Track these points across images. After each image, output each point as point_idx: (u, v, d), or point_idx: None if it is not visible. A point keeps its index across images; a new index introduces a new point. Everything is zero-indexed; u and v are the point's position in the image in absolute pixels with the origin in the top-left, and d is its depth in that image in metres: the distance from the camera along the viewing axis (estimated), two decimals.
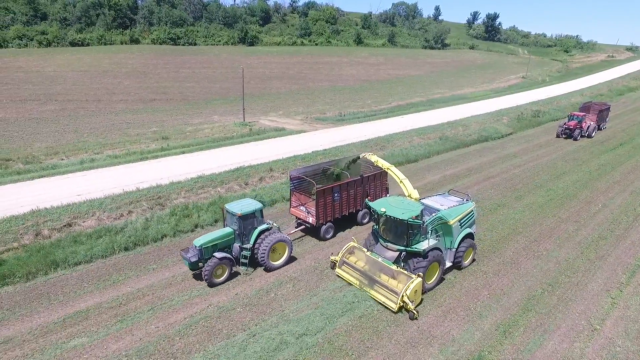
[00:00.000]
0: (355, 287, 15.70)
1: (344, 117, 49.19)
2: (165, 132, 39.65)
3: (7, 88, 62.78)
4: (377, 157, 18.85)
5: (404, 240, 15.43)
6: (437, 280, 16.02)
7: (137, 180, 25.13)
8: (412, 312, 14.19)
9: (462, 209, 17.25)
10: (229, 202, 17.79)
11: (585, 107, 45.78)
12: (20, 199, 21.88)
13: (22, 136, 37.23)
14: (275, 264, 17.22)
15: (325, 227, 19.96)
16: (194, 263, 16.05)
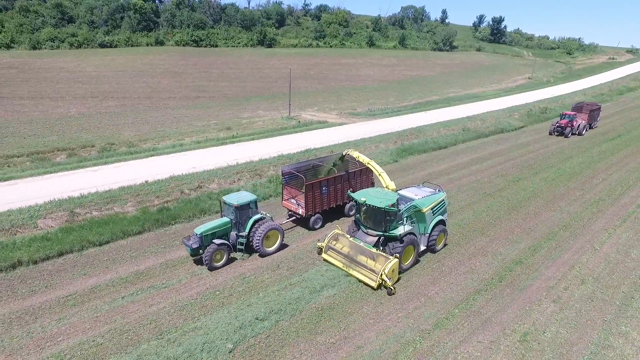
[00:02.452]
0: (340, 269, 17.47)
1: (374, 112, 55.45)
2: (225, 124, 45.90)
3: (62, 87, 69.14)
4: (358, 153, 20.57)
5: (382, 226, 17.22)
6: (412, 261, 17.92)
7: (229, 158, 31.42)
8: (390, 288, 15.94)
9: (434, 199, 19.21)
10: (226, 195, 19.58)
11: (577, 107, 49.17)
12: (150, 170, 28.20)
13: (104, 127, 43.41)
14: (268, 250, 18.87)
15: (314, 218, 21.62)
16: (195, 249, 17.68)
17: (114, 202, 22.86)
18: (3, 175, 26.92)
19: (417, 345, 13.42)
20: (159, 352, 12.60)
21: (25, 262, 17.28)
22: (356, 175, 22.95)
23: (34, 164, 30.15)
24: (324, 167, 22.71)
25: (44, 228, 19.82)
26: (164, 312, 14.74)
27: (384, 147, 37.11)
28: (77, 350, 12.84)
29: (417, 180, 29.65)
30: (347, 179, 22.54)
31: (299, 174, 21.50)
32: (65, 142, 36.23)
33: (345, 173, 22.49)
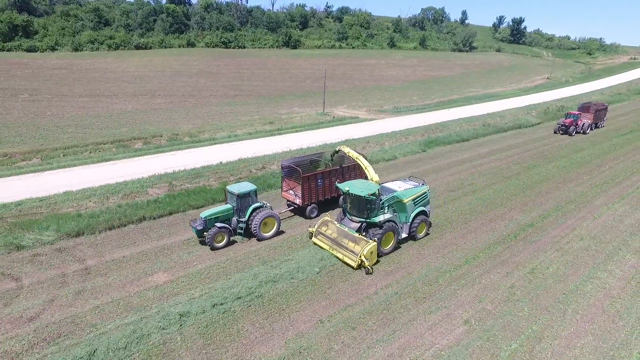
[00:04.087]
0: (327, 251, 19.32)
1: (400, 109, 60.15)
2: (267, 119, 51.32)
3: (110, 86, 75.77)
4: (349, 149, 21.86)
5: (364, 214, 18.99)
6: (392, 247, 19.58)
7: (281, 146, 36.71)
8: (368, 267, 17.65)
9: (416, 191, 20.70)
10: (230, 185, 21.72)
11: (584, 107, 51.16)
12: (217, 155, 33.71)
13: (162, 121, 49.24)
14: (265, 234, 20.75)
15: (310, 208, 23.46)
16: (199, 231, 19.76)
17: (200, 178, 28.37)
18: (103, 157, 32.90)
19: (452, 273, 18.30)
20: (267, 272, 17.77)
21: (148, 218, 22.80)
22: (350, 170, 24.67)
23: (119, 150, 36.04)
24: (321, 162, 24.68)
25: (153, 195, 25.38)
26: (262, 250, 19.98)
27: (412, 139, 41.88)
28: (210, 269, 18.16)
29: (443, 166, 34.46)
30: (342, 173, 24.38)
31: (296, 167, 23.31)
32: (136, 133, 42.11)
33: (339, 167, 24.34)
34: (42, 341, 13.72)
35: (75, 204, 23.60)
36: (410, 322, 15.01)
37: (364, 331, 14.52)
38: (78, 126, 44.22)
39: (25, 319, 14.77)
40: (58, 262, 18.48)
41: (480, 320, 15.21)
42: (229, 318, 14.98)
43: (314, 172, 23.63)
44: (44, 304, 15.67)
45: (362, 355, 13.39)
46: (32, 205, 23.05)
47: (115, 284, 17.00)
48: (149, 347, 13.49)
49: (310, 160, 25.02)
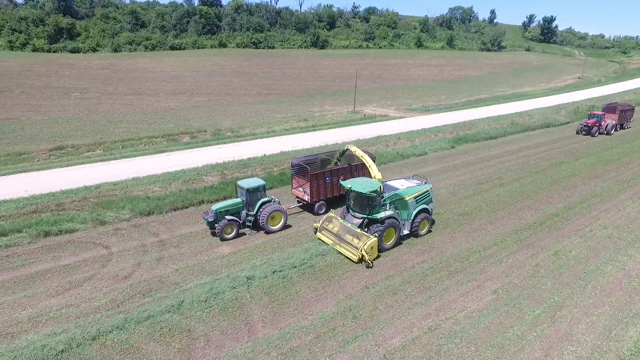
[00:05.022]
0: (330, 245, 20.13)
1: (428, 108, 61.74)
2: (301, 116, 54.02)
3: (151, 85, 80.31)
4: (355, 147, 22.26)
5: (366, 210, 19.71)
6: (394, 243, 20.26)
7: (317, 141, 39.25)
8: (368, 262, 18.37)
9: (418, 189, 21.30)
10: (241, 180, 23.13)
11: (609, 107, 50.50)
12: (259, 148, 36.60)
13: (203, 117, 52.64)
14: (273, 228, 21.74)
15: (319, 204, 24.27)
16: (210, 222, 20.89)
17: (247, 168, 31.26)
18: (157, 149, 36.42)
19: (481, 253, 20.35)
20: (316, 247, 20.28)
21: (206, 201, 25.77)
22: (358, 168, 25.03)
23: (169, 143, 39.49)
24: (330, 160, 25.29)
25: (208, 182, 28.40)
26: (310, 231, 22.54)
27: (441, 136, 43.67)
28: (266, 244, 20.89)
29: (471, 161, 36.21)
30: (350, 171, 24.90)
31: (305, 165, 24.07)
32: (182, 128, 45.58)
33: (348, 166, 24.96)
34: (138, 294, 16.71)
35: (143, 188, 26.87)
36: (444, 291, 17.22)
37: (404, 296, 16.84)
38: (129, 122, 48.15)
39: (121, 277, 17.84)
40: (137, 235, 21.60)
41: (507, 291, 17.25)
42: (287, 282, 17.58)
43: (322, 170, 24.32)
44: (133, 266, 18.72)
45: (403, 314, 15.72)
46: (108, 189, 26.44)
47: (188, 254, 19.92)
48: (224, 301, 16.23)
49: (320, 158, 25.78)
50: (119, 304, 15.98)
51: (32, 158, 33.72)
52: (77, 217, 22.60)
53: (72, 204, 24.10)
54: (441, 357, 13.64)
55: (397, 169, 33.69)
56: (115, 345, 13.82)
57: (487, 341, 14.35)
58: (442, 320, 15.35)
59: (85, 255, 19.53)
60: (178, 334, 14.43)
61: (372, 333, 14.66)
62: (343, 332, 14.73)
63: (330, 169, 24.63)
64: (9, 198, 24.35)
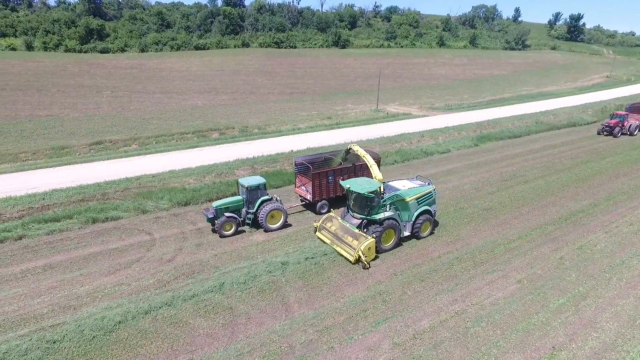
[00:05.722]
0: (328, 245, 20.19)
1: (451, 107, 61.87)
2: (324, 114, 55.07)
3: (178, 84, 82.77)
4: (358, 147, 21.75)
5: (365, 211, 19.53)
6: (393, 244, 20.01)
7: (342, 139, 40.20)
8: (364, 263, 18.26)
9: (420, 190, 20.92)
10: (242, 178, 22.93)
11: (633, 107, 49.18)
12: (286, 145, 37.83)
13: (230, 115, 54.23)
14: (272, 226, 21.82)
15: (321, 204, 24.18)
16: (210, 219, 21.18)
17: (275, 163, 32.49)
18: (189, 144, 38.14)
19: (506, 246, 20.92)
20: None
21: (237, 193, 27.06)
22: (363, 168, 24.44)
23: (200, 139, 41.13)
24: (334, 160, 25.09)
25: (239, 175, 29.70)
26: None
27: (465, 134, 43.98)
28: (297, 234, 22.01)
29: (495, 159, 36.50)
30: (354, 171, 24.62)
31: (308, 164, 24.21)
32: (211, 125, 47.24)
33: (352, 165, 24.59)
34: (182, 275, 18.05)
35: (179, 180, 28.40)
36: (471, 279, 17.95)
37: (431, 283, 17.65)
38: (159, 119, 50.17)
39: (165, 260, 19.24)
40: (176, 223, 23.04)
41: (532, 281, 17.84)
42: (320, 268, 18.61)
43: (325, 169, 24.27)
44: (175, 251, 20.11)
45: (431, 299, 16.54)
46: (147, 180, 28.08)
47: (225, 241, 21.20)
48: (262, 283, 17.39)
49: (325, 157, 25.71)
50: (165, 284, 17.34)
51: (74, 152, 35.84)
52: (120, 205, 24.22)
53: (116, 194, 25.79)
54: (468, 338, 14.41)
55: (420, 166, 34.34)
56: (166, 319, 15.13)
57: (512, 326, 15.04)
58: (468, 306, 16.10)
59: (131, 241, 21.05)
60: (221, 311, 15.65)
61: (401, 315, 15.55)
62: (374, 313, 15.66)
63: (332, 168, 24.50)
64: (59, 187, 26.24)
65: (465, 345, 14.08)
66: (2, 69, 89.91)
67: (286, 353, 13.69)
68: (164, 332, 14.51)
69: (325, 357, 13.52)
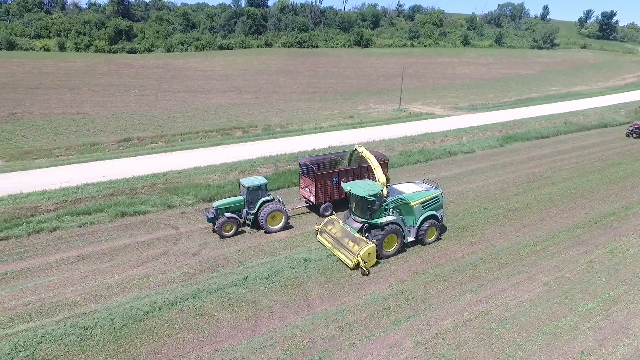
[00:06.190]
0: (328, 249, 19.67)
1: (475, 107, 60.78)
2: (346, 113, 55.05)
3: (202, 83, 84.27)
4: (363, 148, 21.29)
5: (366, 214, 18.86)
6: (396, 249, 19.25)
7: (364, 138, 40.13)
8: (363, 269, 17.58)
9: (426, 194, 20.10)
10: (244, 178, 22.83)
11: None
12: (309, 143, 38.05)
13: (253, 113, 54.85)
14: (272, 227, 21.44)
15: (324, 206, 23.68)
16: (210, 219, 20.87)
17: (297, 161, 32.64)
18: (213, 142, 38.89)
19: (532, 247, 20.46)
20: None
21: None
22: (369, 170, 23.00)
23: (224, 137, 41.84)
24: (341, 161, 24.67)
25: (262, 172, 30.09)
26: None
27: (490, 134, 43.16)
28: None
29: (521, 159, 35.69)
30: (360, 173, 23.92)
31: (312, 165, 23.71)
32: (234, 123, 47.96)
33: (358, 167, 23.97)
34: (207, 269, 18.46)
35: (204, 176, 29.00)
36: (495, 280, 17.66)
37: (454, 283, 17.46)
38: (185, 117, 51.26)
39: (190, 254, 19.71)
40: (201, 219, 23.52)
41: (560, 284, 17.40)
42: (341, 265, 18.68)
43: (329, 170, 23.85)
44: (200, 245, 20.58)
45: (454, 299, 16.37)
46: (173, 176, 28.81)
47: (248, 236, 21.54)
48: (284, 279, 17.61)
49: (331, 158, 25.28)
50: (191, 277, 17.78)
51: (104, 148, 37.06)
52: (148, 200, 24.94)
53: (143, 189, 26.56)
54: (492, 340, 14.21)
55: (444, 165, 33.94)
56: (191, 311, 15.52)
57: (538, 328, 14.73)
58: (492, 307, 15.86)
59: (158, 234, 21.65)
60: (245, 305, 15.93)
61: (423, 314, 15.46)
62: (396, 311, 15.63)
63: (337, 169, 24.02)
64: (90, 182, 27.24)
65: (489, 347, 13.89)
66: (38, 68, 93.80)
67: (308, 348, 13.83)
68: (189, 323, 14.89)
69: (347, 353, 13.59)
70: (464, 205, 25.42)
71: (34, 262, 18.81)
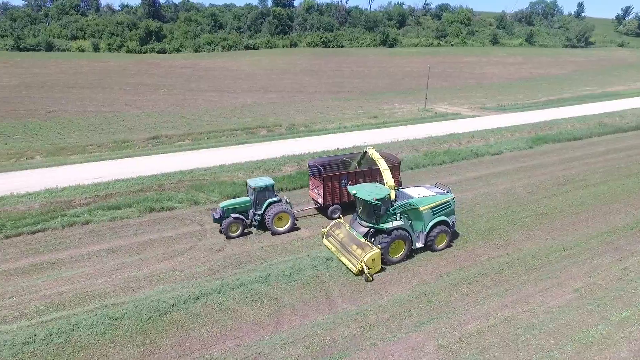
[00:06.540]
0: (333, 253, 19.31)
1: (504, 107, 59.24)
2: (370, 113, 54.73)
3: (229, 82, 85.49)
4: (373, 150, 21.15)
5: (373, 219, 18.41)
6: (403, 256, 18.59)
7: (391, 137, 39.85)
8: (367, 275, 17.09)
9: (437, 199, 19.31)
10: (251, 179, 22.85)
11: None
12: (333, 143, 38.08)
13: (277, 113, 55.22)
14: (279, 229, 21.24)
15: (332, 208, 23.19)
16: (217, 219, 20.87)
17: None
18: (238, 141, 39.52)
19: (562, 252, 19.79)
20: None
21: (285, 189, 27.67)
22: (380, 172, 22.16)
23: (249, 136, 42.40)
24: (351, 163, 24.35)
25: (286, 172, 30.38)
26: None
27: (518, 135, 41.97)
28: None
29: (552, 162, 34.56)
30: (370, 175, 23.28)
31: (320, 166, 23.31)
32: (259, 122, 48.50)
33: (368, 169, 23.44)
34: (230, 265, 18.77)
35: (229, 174, 29.50)
36: (522, 285, 17.18)
37: (479, 286, 17.11)
38: (211, 116, 52.21)
39: (215, 250, 20.10)
40: None
41: (591, 291, 16.76)
42: None
43: (337, 172, 23.47)
44: (224, 242, 20.94)
45: (478, 303, 16.04)
46: (199, 174, 29.45)
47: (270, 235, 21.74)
48: (306, 277, 17.71)
49: (341, 160, 24.96)
50: (215, 272, 18.13)
51: (134, 145, 38.24)
52: (175, 197, 25.58)
53: (171, 186, 27.26)
54: (518, 346, 13.84)
55: (470, 167, 33.26)
56: (215, 305, 15.83)
57: (567, 336, 14.25)
58: (519, 312, 15.45)
59: (184, 230, 22.18)
60: (267, 301, 16.12)
61: (447, 317, 15.22)
62: (418, 313, 15.45)
63: (346, 171, 23.60)
64: (121, 178, 28.18)
65: (514, 353, 13.54)
66: (73, 68, 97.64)
67: (329, 346, 13.86)
68: (213, 317, 15.19)
69: (368, 353, 13.54)
70: (490, 208, 24.85)
71: (67, 254, 19.63)
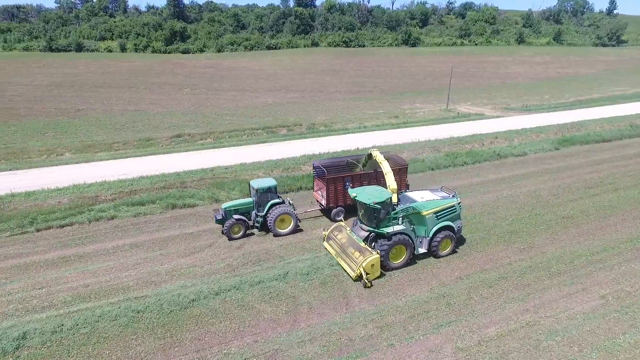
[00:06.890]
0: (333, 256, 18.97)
1: (529, 107, 57.78)
2: (391, 113, 54.35)
3: (250, 82, 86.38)
4: (377, 152, 20.72)
5: (373, 223, 17.90)
6: (405, 261, 18.08)
7: (412, 137, 39.49)
8: (365, 281, 16.66)
9: (441, 203, 18.78)
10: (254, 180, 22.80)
11: None
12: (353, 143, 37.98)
13: (298, 112, 55.46)
14: (281, 231, 21.07)
15: (336, 210, 22.90)
16: (218, 220, 20.85)
17: None
18: (258, 140, 40.00)
19: (588, 257, 19.17)
20: None
21: (304, 188, 27.83)
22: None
23: (269, 135, 42.79)
24: (356, 165, 24.10)
25: (305, 171, 30.50)
26: None
27: (544, 137, 40.87)
28: None
29: (579, 164, 33.54)
30: (375, 177, 22.84)
31: (324, 168, 23.18)
32: (279, 122, 48.87)
33: (373, 171, 22.97)
34: (249, 262, 19.03)
35: (249, 173, 29.87)
36: (545, 290, 16.76)
37: (500, 290, 16.78)
38: (233, 115, 52.94)
39: (234, 247, 20.41)
40: None
41: (619, 298, 16.20)
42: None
43: (341, 174, 23.22)
44: (243, 239, 21.23)
45: (499, 307, 15.73)
46: (220, 172, 29.95)
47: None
48: (324, 276, 17.77)
49: (347, 162, 24.72)
50: (234, 269, 18.42)
51: (157, 143, 39.18)
52: (196, 194, 26.10)
53: (193, 183, 27.82)
54: (540, 352, 13.52)
55: (492, 168, 32.62)
56: (234, 302, 16.08)
57: (592, 344, 13.83)
58: (541, 318, 15.08)
59: (205, 227, 22.59)
60: (285, 299, 16.27)
61: (466, 320, 15.01)
62: (437, 315, 15.29)
63: (350, 173, 23.38)
64: (145, 175, 28.95)
65: (536, 359, 13.23)
66: (101, 68, 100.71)
67: (346, 345, 13.88)
68: (231, 313, 15.44)
69: (385, 354, 13.50)
70: (513, 210, 24.33)
71: (93, 248, 20.32)
